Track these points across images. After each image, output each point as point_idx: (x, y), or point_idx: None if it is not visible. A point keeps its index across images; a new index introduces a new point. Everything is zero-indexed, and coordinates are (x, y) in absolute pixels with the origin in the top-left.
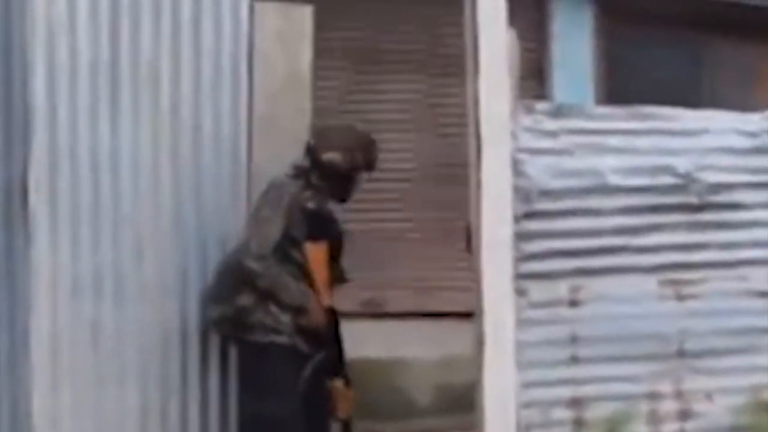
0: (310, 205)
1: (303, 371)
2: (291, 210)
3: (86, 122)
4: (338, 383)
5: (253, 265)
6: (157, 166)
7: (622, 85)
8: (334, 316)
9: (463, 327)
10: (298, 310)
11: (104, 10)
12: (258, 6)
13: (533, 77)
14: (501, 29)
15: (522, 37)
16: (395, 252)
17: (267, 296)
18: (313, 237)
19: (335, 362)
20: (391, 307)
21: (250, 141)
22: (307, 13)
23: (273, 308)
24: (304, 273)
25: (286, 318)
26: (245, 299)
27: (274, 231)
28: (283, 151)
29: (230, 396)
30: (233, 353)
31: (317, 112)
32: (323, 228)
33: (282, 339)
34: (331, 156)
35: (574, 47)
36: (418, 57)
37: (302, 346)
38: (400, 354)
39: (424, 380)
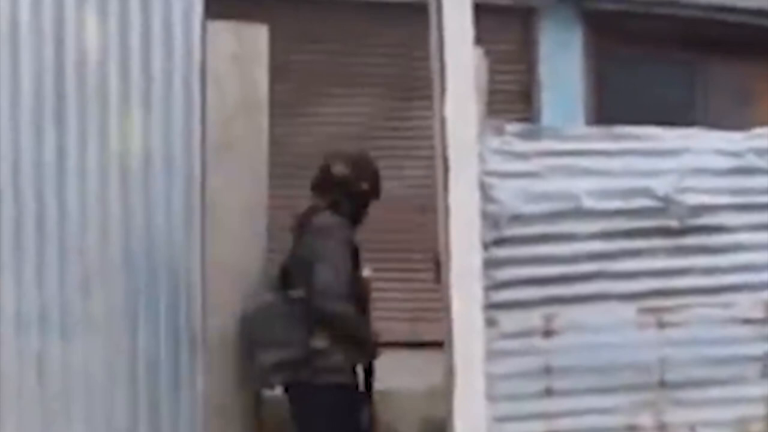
0: (355, 241)
1: (361, 405)
2: (346, 247)
3: (30, 147)
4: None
5: (338, 308)
6: (106, 194)
7: (612, 106)
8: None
9: None
10: (367, 347)
11: (48, 27)
12: (211, 26)
13: (521, 99)
14: (468, 48)
15: (510, 58)
16: (382, 281)
17: (343, 338)
18: (358, 268)
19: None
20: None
21: (204, 168)
22: (262, 33)
23: (346, 348)
24: (361, 307)
25: (353, 357)
26: (320, 342)
27: (344, 271)
28: (239, 178)
29: None
30: (185, 392)
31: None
32: (359, 257)
33: (345, 378)
34: (364, 184)
35: (563, 68)
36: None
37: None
38: (387, 385)
39: (411, 412)
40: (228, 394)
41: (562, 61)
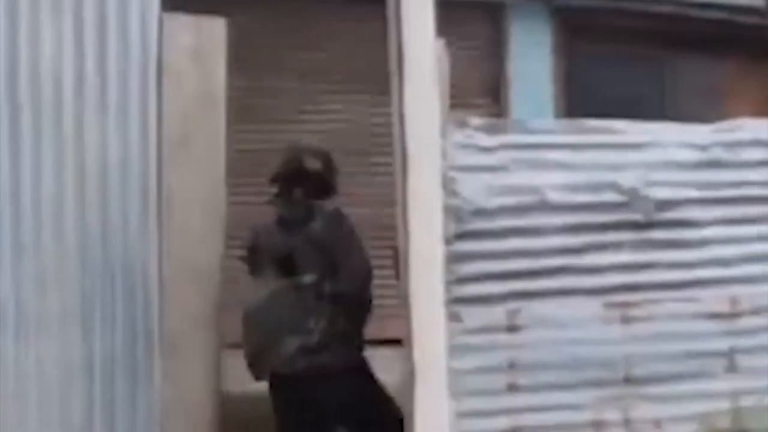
0: None
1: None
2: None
3: None
4: None
5: (370, 291)
6: (61, 192)
7: (582, 103)
8: None
9: None
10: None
11: (2, 21)
12: (170, 19)
13: (490, 95)
14: (429, 39)
15: (479, 54)
16: None
17: (358, 321)
18: None
19: None
20: None
21: (160, 165)
22: (220, 26)
23: (359, 333)
24: None
25: (364, 342)
26: (341, 325)
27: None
28: (197, 174)
29: None
30: (141, 391)
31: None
32: None
33: (362, 362)
34: (333, 181)
35: (533, 65)
36: None
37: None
38: None
39: None
40: (189, 392)
41: (532, 57)
